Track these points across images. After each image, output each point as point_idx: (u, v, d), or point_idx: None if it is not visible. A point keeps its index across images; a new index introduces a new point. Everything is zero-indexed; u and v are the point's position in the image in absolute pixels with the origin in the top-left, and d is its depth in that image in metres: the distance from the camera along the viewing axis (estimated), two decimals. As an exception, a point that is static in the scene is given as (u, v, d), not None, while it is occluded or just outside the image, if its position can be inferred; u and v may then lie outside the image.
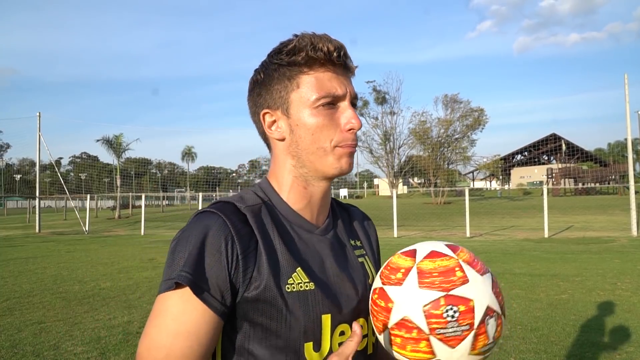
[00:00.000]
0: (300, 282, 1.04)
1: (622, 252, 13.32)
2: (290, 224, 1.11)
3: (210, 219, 1.02)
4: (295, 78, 1.08)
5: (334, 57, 1.07)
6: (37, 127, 27.74)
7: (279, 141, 1.13)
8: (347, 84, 1.10)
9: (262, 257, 1.02)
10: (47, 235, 24.13)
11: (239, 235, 1.01)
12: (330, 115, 1.08)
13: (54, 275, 10.62)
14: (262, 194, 1.14)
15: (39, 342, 5.73)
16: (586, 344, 5.39)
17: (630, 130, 19.77)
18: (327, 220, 1.19)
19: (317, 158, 1.09)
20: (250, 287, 1.00)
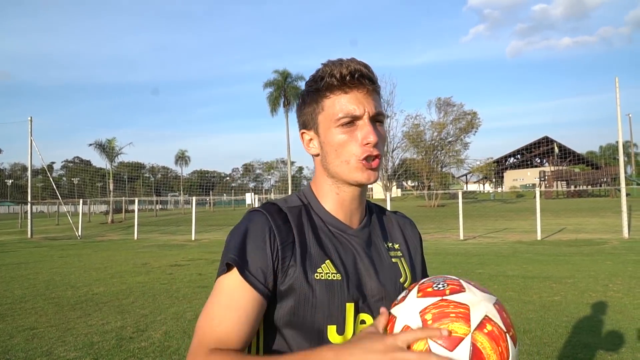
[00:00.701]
0: (329, 272, 1.20)
1: (613, 254, 13.39)
2: (325, 224, 1.28)
3: (256, 215, 1.23)
4: (320, 102, 1.25)
5: (347, 80, 1.20)
6: (29, 131, 27.63)
7: (315, 156, 1.32)
8: (366, 103, 1.22)
9: (297, 249, 1.20)
10: (40, 240, 24.01)
11: (279, 229, 1.20)
12: (350, 132, 1.22)
13: (46, 280, 10.57)
14: (303, 198, 1.34)
15: (31, 348, 5.70)
16: (578, 345, 5.42)
17: (621, 133, 19.90)
18: (363, 222, 1.34)
19: (341, 170, 1.24)
20: (287, 274, 1.17)
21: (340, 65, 1.22)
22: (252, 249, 1.17)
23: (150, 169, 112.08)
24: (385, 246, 1.35)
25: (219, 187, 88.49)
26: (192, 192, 67.38)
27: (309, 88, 1.27)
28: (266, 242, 1.18)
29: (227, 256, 1.17)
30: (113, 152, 47.38)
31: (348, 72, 1.20)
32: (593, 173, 62.44)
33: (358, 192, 1.30)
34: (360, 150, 1.21)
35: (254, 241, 1.18)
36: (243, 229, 1.21)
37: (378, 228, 1.38)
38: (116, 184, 49.37)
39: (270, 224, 1.20)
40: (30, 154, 27.89)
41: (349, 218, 1.31)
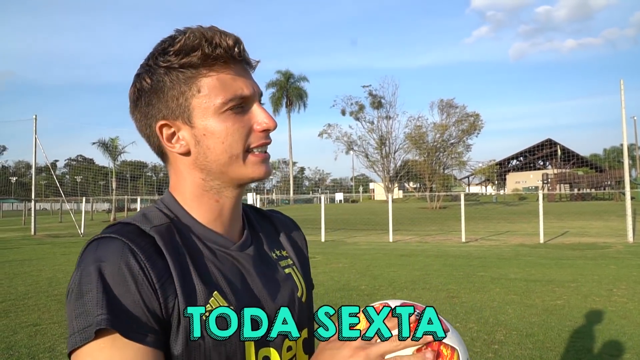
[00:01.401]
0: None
1: (617, 258, 13.36)
2: (202, 243, 0.99)
3: (111, 245, 0.87)
4: (194, 82, 0.94)
5: (234, 53, 0.95)
6: (34, 129, 27.67)
7: (182, 155, 0.99)
8: (252, 83, 0.99)
9: (177, 284, 0.89)
10: (43, 237, 24.06)
11: (151, 260, 0.87)
12: (240, 118, 0.96)
13: (49, 277, 10.60)
14: (167, 211, 1.00)
15: (34, 344, 5.72)
16: (582, 351, 5.40)
17: (626, 135, 19.83)
18: (244, 233, 1.08)
19: (231, 167, 0.97)
20: (173, 320, 0.87)
21: (217, 33, 0.93)
22: (126, 295, 0.83)
23: (152, 168, 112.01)
24: (273, 256, 1.11)
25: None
26: (194, 191, 67.24)
27: (169, 63, 0.93)
28: (141, 281, 0.85)
29: (88, 319, 0.80)
30: (116, 150, 47.50)
31: (233, 42, 0.94)
32: (597, 176, 62.38)
33: (240, 195, 1.05)
34: (255, 138, 0.97)
35: (123, 283, 0.83)
36: (95, 272, 0.83)
37: (262, 235, 1.13)
38: (119, 182, 49.47)
39: (137, 254, 0.86)
40: (35, 152, 27.92)
41: (229, 230, 1.04)
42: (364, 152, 52.23)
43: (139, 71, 0.99)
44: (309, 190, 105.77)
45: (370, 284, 9.55)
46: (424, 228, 26.03)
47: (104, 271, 0.83)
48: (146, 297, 0.85)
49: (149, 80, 0.96)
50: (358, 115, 51.66)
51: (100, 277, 0.83)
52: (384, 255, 14.83)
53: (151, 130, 0.99)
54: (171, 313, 0.87)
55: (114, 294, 0.82)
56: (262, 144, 0.98)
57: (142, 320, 0.83)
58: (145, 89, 0.96)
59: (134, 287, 0.84)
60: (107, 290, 0.82)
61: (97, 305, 0.81)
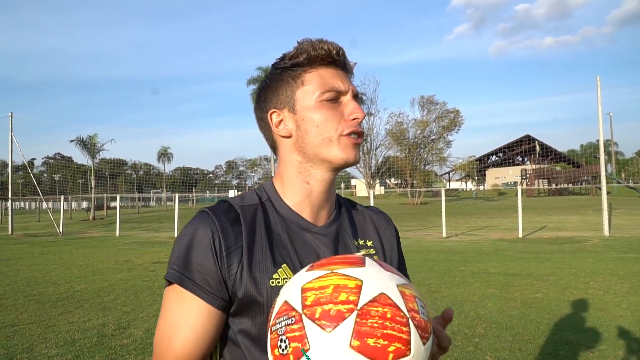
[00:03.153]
0: (286, 277, 1.06)
1: (594, 251, 13.54)
2: (286, 223, 1.15)
3: (202, 217, 1.10)
4: (300, 77, 1.14)
5: (333, 54, 1.13)
6: (10, 127, 27.33)
7: (285, 138, 1.17)
8: (348, 82, 1.16)
9: (245, 255, 1.07)
10: (20, 237, 23.76)
11: (225, 232, 1.08)
12: (335, 108, 1.13)
13: (27, 277, 10.45)
14: (263, 194, 1.20)
15: (12, 345, 5.63)
16: (560, 342, 5.47)
17: (602, 131, 20.10)
18: (330, 218, 1.21)
19: (323, 149, 1.13)
20: (234, 283, 1.05)
21: (323, 41, 1.14)
22: (196, 257, 1.06)
23: (132, 166, 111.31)
24: (355, 244, 1.22)
25: (201, 184, 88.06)
26: (174, 189, 66.92)
27: (284, 64, 1.16)
28: (209, 248, 1.06)
29: (169, 268, 1.08)
30: (95, 148, 46.92)
31: (334, 49, 1.14)
32: (574, 171, 63.05)
33: (330, 181, 1.19)
34: (346, 125, 1.12)
35: (197, 248, 1.07)
36: (187, 235, 1.09)
37: (348, 224, 1.25)
38: (98, 180, 48.90)
39: (215, 227, 1.08)
40: (11, 150, 27.58)
41: (316, 213, 1.18)
42: (345, 148, 52.20)
43: (264, 78, 1.22)
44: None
45: (352, 279, 9.55)
46: (405, 224, 26.14)
47: (188, 237, 1.09)
48: (209, 262, 1.06)
49: (268, 80, 1.19)
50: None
51: (184, 241, 1.09)
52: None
53: (265, 119, 1.19)
54: (234, 277, 1.06)
55: (187, 255, 1.07)
56: (353, 131, 1.13)
57: (207, 281, 1.05)
58: (263, 87, 1.20)
59: (203, 253, 1.06)
60: (184, 251, 1.07)
61: (175, 261, 1.07)
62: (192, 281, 1.05)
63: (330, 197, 1.21)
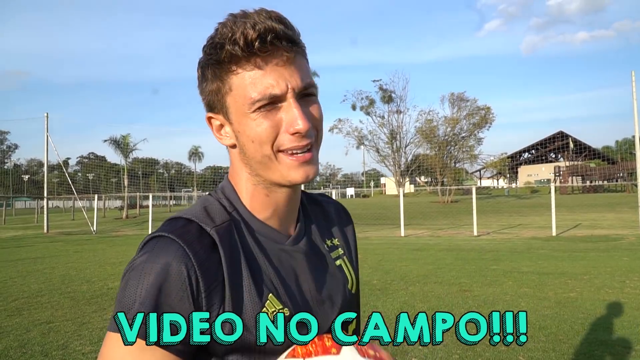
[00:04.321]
0: (274, 310, 0.91)
1: (630, 249, 13.25)
2: (258, 239, 0.97)
3: (169, 250, 0.86)
4: (226, 79, 0.92)
5: (256, 47, 0.87)
6: (45, 127, 27.83)
7: (230, 147, 1.00)
8: (288, 77, 0.90)
9: (227, 291, 0.88)
10: (55, 235, 24.24)
11: (203, 268, 0.87)
12: (271, 117, 0.91)
13: (62, 275, 10.67)
14: (227, 203, 0.99)
15: (47, 342, 5.75)
16: (595, 343, 5.37)
17: (638, 127, 19.65)
18: (298, 225, 1.06)
19: (265, 168, 0.94)
20: (217, 325, 0.87)
21: (243, 24, 0.87)
22: (167, 302, 0.83)
23: (164, 165, 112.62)
24: (326, 247, 1.10)
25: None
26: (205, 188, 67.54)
27: (209, 58, 0.92)
28: (184, 290, 0.84)
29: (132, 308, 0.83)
30: (127, 148, 47.60)
31: (256, 34, 0.86)
32: (609, 168, 61.96)
33: (293, 192, 1.01)
34: (285, 140, 0.91)
35: (168, 291, 0.83)
36: (153, 273, 0.84)
37: (314, 225, 1.11)
38: (130, 179, 49.59)
39: (190, 263, 0.85)
40: (47, 150, 28.11)
41: (284, 223, 1.03)
42: (375, 146, 52.16)
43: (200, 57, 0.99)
44: (320, 185, 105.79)
45: (382, 278, 9.53)
46: (436, 222, 25.96)
47: (155, 274, 0.84)
48: (185, 307, 0.84)
49: (199, 71, 0.97)
50: (368, 109, 51.56)
51: (148, 278, 0.84)
52: (395, 249, 14.80)
53: (206, 119, 1.00)
54: (214, 321, 0.86)
55: (155, 298, 0.83)
56: (294, 147, 0.92)
57: (169, 332, 0.82)
58: (198, 78, 0.98)
59: (174, 295, 0.84)
60: (153, 294, 0.83)
61: (139, 303, 0.82)
62: (158, 338, 0.82)
63: (296, 205, 1.05)
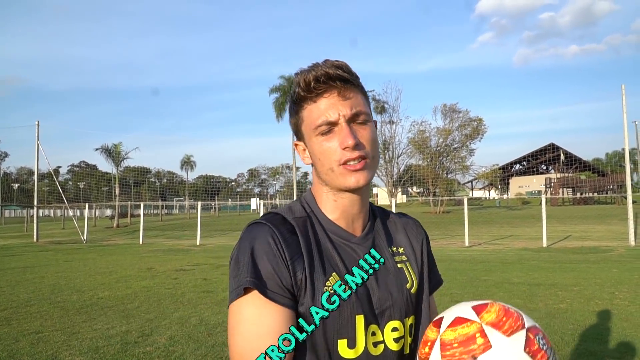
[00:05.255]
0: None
1: (620, 261, 13.33)
2: (329, 234, 1.24)
3: (260, 228, 1.17)
4: (299, 113, 1.22)
5: (312, 87, 1.16)
6: (36, 135, 27.76)
7: (312, 165, 1.27)
8: (339, 106, 1.17)
9: (306, 263, 1.14)
10: (45, 244, 24.09)
11: (287, 243, 1.15)
12: (330, 139, 1.18)
13: (51, 284, 10.60)
14: (307, 206, 1.28)
15: (36, 352, 5.71)
16: (585, 354, 5.39)
17: (627, 140, 19.86)
18: (366, 228, 1.30)
19: (330, 178, 1.21)
20: (301, 289, 1.13)
21: (307, 72, 1.17)
22: (266, 266, 1.11)
23: (156, 174, 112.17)
24: (390, 251, 1.31)
25: (224, 192, 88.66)
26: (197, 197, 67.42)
27: (290, 99, 1.26)
28: (277, 257, 1.12)
29: (239, 279, 1.11)
30: (119, 156, 47.53)
31: (313, 78, 1.16)
32: (599, 180, 62.28)
33: (356, 197, 1.26)
34: (340, 155, 1.17)
35: (264, 257, 1.12)
36: (249, 247, 1.14)
37: (382, 232, 1.34)
38: (122, 188, 49.46)
39: (276, 237, 1.15)
40: (37, 158, 28.02)
41: (352, 225, 1.27)
42: (367, 157, 52.15)
43: None
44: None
45: (373, 288, 9.51)
46: (428, 233, 25.86)
47: (254, 247, 1.13)
48: (280, 269, 1.11)
49: (289, 109, 1.29)
50: (360, 120, 51.61)
51: (251, 251, 1.13)
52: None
53: (294, 146, 1.31)
54: (300, 284, 1.12)
55: (258, 264, 1.11)
56: (348, 159, 1.17)
57: (276, 284, 1.10)
58: (289, 114, 1.29)
59: (273, 260, 1.12)
60: (254, 261, 1.11)
61: (247, 271, 1.10)
62: (270, 289, 1.09)
63: (362, 209, 1.29)
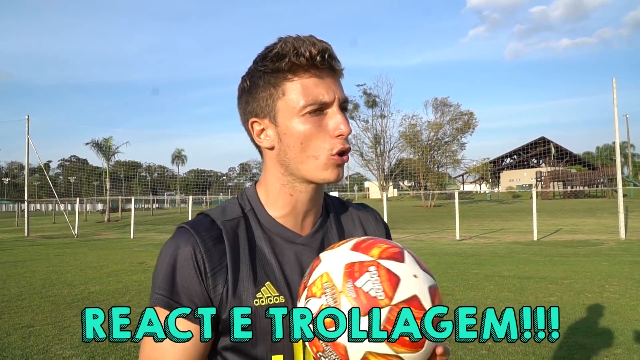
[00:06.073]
0: (270, 296, 1.04)
1: (610, 254, 13.42)
2: (268, 236, 1.11)
3: (182, 235, 1.06)
4: (281, 85, 1.05)
5: (317, 61, 1.03)
6: (26, 130, 27.55)
7: (268, 149, 1.11)
8: (334, 89, 1.06)
9: (229, 274, 1.04)
10: (36, 238, 23.99)
11: (209, 253, 1.04)
12: (319, 122, 1.05)
13: (43, 278, 10.56)
14: (246, 204, 1.16)
15: (27, 345, 5.70)
16: (574, 346, 5.43)
17: (618, 133, 19.92)
18: (316, 225, 1.17)
19: (305, 167, 1.06)
20: (222, 303, 1.03)
21: (305, 42, 1.03)
22: (181, 278, 1.02)
23: (146, 168, 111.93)
24: None
25: (215, 187, 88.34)
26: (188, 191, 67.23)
27: (264, 68, 1.06)
28: (194, 269, 1.02)
29: (153, 293, 1.04)
30: (109, 151, 47.28)
31: (317, 51, 1.03)
32: (590, 174, 62.49)
33: (315, 192, 1.13)
34: (331, 143, 1.05)
35: (181, 269, 1.02)
36: (169, 254, 1.04)
37: (334, 228, 1.20)
38: (113, 182, 49.28)
39: (197, 246, 1.03)
40: (27, 153, 27.83)
41: (300, 223, 1.14)
42: (359, 150, 52.21)
43: (245, 73, 1.13)
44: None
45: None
46: (419, 226, 26.08)
47: (171, 257, 1.04)
48: (195, 283, 1.02)
49: (248, 82, 1.11)
50: (352, 114, 51.58)
51: (166, 259, 1.04)
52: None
53: (247, 125, 1.13)
54: (220, 298, 1.03)
55: (172, 275, 1.03)
56: (340, 150, 1.06)
57: (189, 301, 1.01)
58: (245, 89, 1.12)
59: (187, 273, 1.02)
60: (170, 274, 1.03)
61: (160, 285, 1.03)
62: (181, 305, 1.00)
63: (315, 204, 1.17)
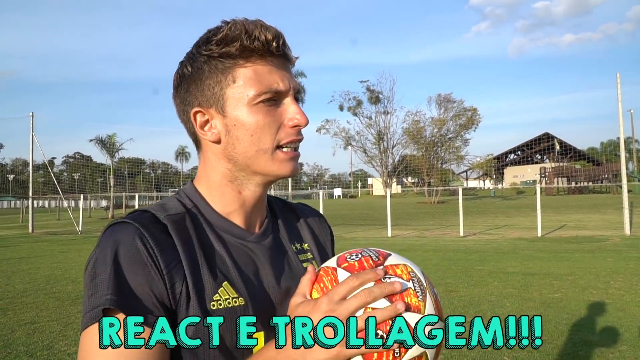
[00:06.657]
0: (228, 298, 0.92)
1: (615, 250, 13.37)
2: (218, 233, 1.00)
3: (125, 229, 0.91)
4: (230, 72, 0.95)
5: (272, 47, 0.94)
6: (30, 127, 27.64)
7: (213, 143, 1.00)
8: (289, 77, 0.99)
9: (186, 272, 0.90)
10: (41, 235, 24.03)
11: (160, 247, 0.90)
12: (272, 112, 0.96)
13: (47, 275, 10.58)
14: (187, 201, 1.03)
15: (32, 342, 5.71)
16: (579, 343, 5.41)
17: (622, 129, 19.86)
18: (265, 224, 1.08)
19: (257, 162, 0.97)
20: (180, 304, 0.89)
21: (257, 26, 0.94)
22: (133, 276, 0.86)
23: (150, 165, 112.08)
24: (293, 249, 1.10)
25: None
26: (192, 188, 67.07)
27: (210, 52, 0.95)
28: (146, 264, 0.87)
29: (96, 298, 0.84)
30: (113, 147, 47.39)
31: (272, 36, 0.94)
32: (594, 169, 62.48)
33: (264, 190, 1.05)
34: (285, 134, 0.97)
35: (131, 266, 0.86)
36: (110, 255, 0.87)
37: (283, 227, 1.13)
38: (116, 179, 49.40)
39: (146, 240, 0.89)
40: (32, 149, 27.90)
41: (249, 221, 1.05)
42: (362, 147, 52.29)
43: (183, 58, 1.01)
44: (308, 185, 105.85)
45: (369, 278, 9.52)
46: (422, 223, 26.05)
47: (117, 254, 0.87)
48: (152, 281, 0.87)
49: (190, 67, 0.98)
50: (356, 110, 51.69)
51: (112, 260, 0.86)
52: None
53: (187, 116, 1.01)
54: (178, 298, 0.89)
55: (123, 276, 0.85)
56: (292, 141, 0.98)
57: (147, 301, 0.86)
58: (185, 75, 0.99)
59: (141, 270, 0.87)
60: (117, 273, 0.85)
61: (107, 287, 0.84)
62: (139, 305, 0.85)
63: (264, 202, 1.09)
